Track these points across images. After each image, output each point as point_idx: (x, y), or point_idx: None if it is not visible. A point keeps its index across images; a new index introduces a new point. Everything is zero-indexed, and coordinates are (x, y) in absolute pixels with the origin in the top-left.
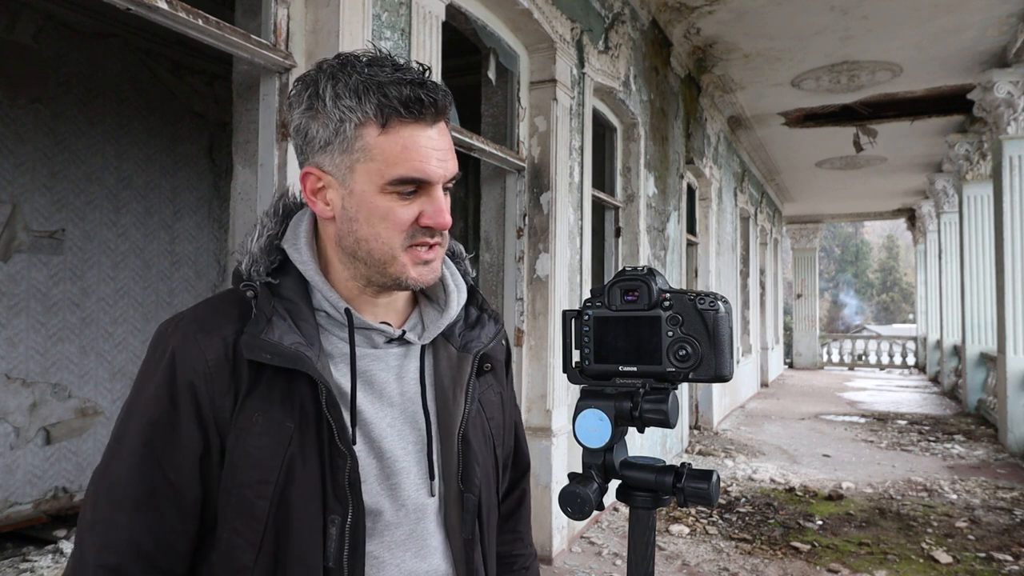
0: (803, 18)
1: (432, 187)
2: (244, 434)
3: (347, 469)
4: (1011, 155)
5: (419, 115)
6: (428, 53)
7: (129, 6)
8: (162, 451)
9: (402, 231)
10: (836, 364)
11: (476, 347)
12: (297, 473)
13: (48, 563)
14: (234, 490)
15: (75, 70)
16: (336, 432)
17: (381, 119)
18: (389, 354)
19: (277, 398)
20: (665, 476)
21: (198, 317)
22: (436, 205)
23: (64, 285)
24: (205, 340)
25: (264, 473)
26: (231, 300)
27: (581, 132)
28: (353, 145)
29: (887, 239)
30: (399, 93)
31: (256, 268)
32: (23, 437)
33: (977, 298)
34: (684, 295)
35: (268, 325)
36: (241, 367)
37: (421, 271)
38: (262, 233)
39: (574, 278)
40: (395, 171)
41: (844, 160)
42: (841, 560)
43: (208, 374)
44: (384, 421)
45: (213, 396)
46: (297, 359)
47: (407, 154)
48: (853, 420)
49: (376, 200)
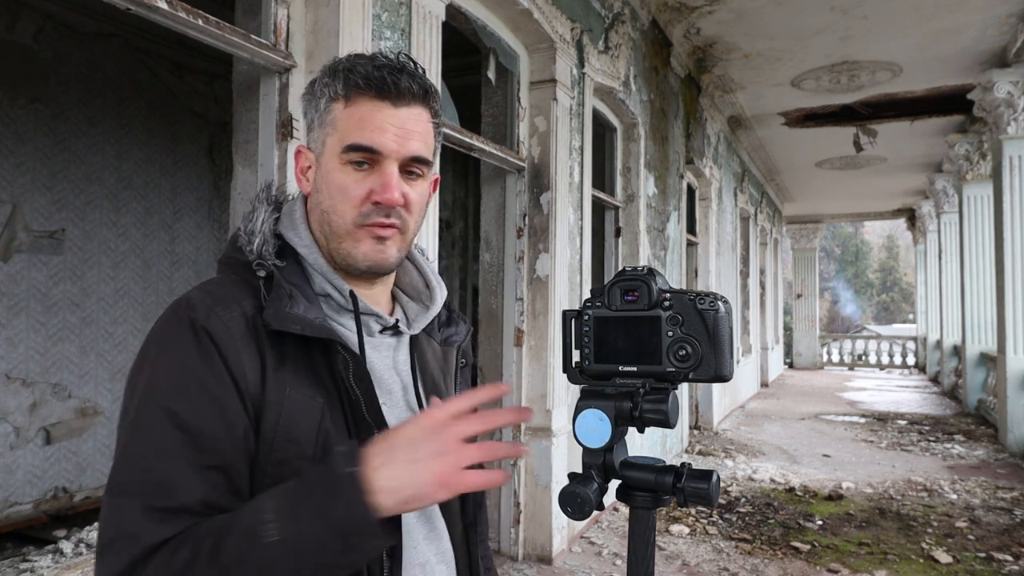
0: (803, 18)
1: (384, 160)
2: (279, 408)
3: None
4: (1011, 155)
5: (381, 91)
6: (428, 53)
7: (129, 6)
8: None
9: (355, 206)
10: (836, 364)
11: (456, 340)
12: (333, 447)
13: (48, 563)
14: (269, 468)
15: (75, 70)
16: (364, 405)
17: (346, 91)
18: (383, 343)
19: (303, 372)
20: (665, 476)
21: (210, 293)
22: (384, 180)
23: (64, 285)
24: (225, 313)
25: (303, 448)
26: (237, 281)
27: (581, 132)
28: (325, 119)
29: (887, 239)
30: (365, 71)
31: (267, 248)
32: (23, 437)
33: (977, 298)
34: (684, 295)
35: (291, 300)
36: (263, 341)
37: (373, 247)
38: (267, 217)
39: (574, 278)
40: (348, 138)
41: (844, 160)
42: (841, 560)
43: (235, 347)
44: (385, 407)
45: (244, 369)
46: (327, 330)
47: (361, 124)
48: (853, 420)
49: (335, 173)
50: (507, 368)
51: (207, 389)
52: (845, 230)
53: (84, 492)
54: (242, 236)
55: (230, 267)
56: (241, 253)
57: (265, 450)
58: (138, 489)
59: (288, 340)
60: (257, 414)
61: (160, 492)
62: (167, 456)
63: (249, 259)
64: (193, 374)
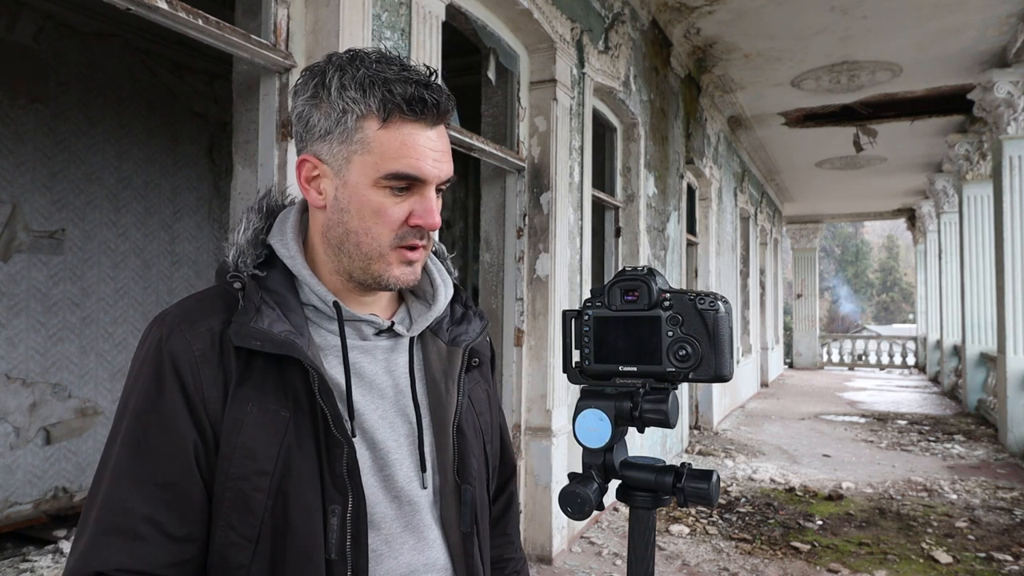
0: (803, 18)
1: (425, 186)
2: (238, 425)
3: (344, 457)
4: (1011, 155)
5: (421, 114)
6: (428, 53)
7: (129, 6)
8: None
9: (392, 229)
10: (836, 364)
11: (465, 341)
12: (295, 464)
13: (48, 563)
14: (229, 483)
15: (75, 70)
16: (331, 420)
17: (383, 114)
18: (378, 347)
19: (270, 388)
20: (665, 476)
21: (184, 310)
22: (427, 205)
23: (64, 285)
24: (191, 331)
25: (260, 464)
26: (216, 293)
27: (581, 132)
28: (353, 136)
29: (887, 239)
30: (404, 91)
31: (243, 260)
32: (23, 437)
33: (977, 298)
34: (684, 295)
35: (257, 314)
36: (229, 357)
37: (404, 271)
38: (248, 227)
39: (574, 278)
40: (391, 166)
41: (844, 160)
42: (841, 560)
43: (194, 364)
44: (376, 413)
45: (201, 386)
46: (288, 345)
47: (404, 150)
48: (853, 420)
49: (369, 194)
50: (507, 368)
51: (159, 411)
52: (845, 230)
53: (84, 492)
54: (227, 247)
55: (219, 277)
56: (227, 264)
57: (224, 466)
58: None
59: (257, 355)
60: (216, 429)
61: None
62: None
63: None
64: (150, 398)
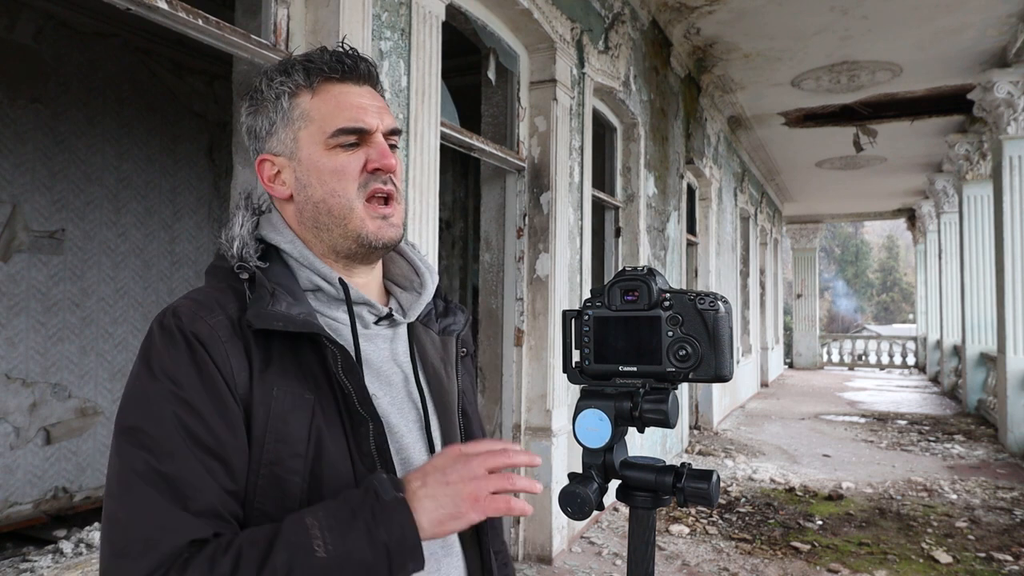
0: (803, 18)
1: (372, 135)
2: (266, 409)
3: (371, 434)
4: (1011, 155)
5: (344, 73)
6: (428, 53)
7: (129, 6)
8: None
9: (354, 179)
10: (836, 364)
11: (455, 330)
12: (326, 445)
13: (48, 563)
14: (262, 469)
15: (75, 70)
16: (356, 397)
17: (309, 82)
18: (379, 334)
19: (291, 371)
20: (665, 476)
21: (195, 301)
22: (379, 148)
23: (64, 285)
24: (210, 317)
25: (294, 447)
26: (221, 287)
27: (581, 132)
28: (292, 115)
29: (887, 239)
30: (321, 57)
31: (247, 251)
32: (23, 437)
33: (977, 298)
34: (684, 295)
35: (272, 298)
36: (250, 342)
37: (379, 224)
38: (244, 222)
39: (574, 278)
40: (334, 123)
41: (844, 160)
42: (841, 560)
43: (222, 347)
44: (386, 398)
45: (231, 370)
46: (311, 324)
47: (341, 107)
48: (853, 420)
49: (323, 159)
50: (507, 368)
51: (204, 392)
52: (845, 230)
53: (84, 492)
54: (223, 243)
55: (215, 276)
56: (224, 261)
57: (256, 451)
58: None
59: (275, 339)
60: (247, 416)
61: (178, 495)
62: (180, 461)
63: (232, 264)
64: (188, 379)
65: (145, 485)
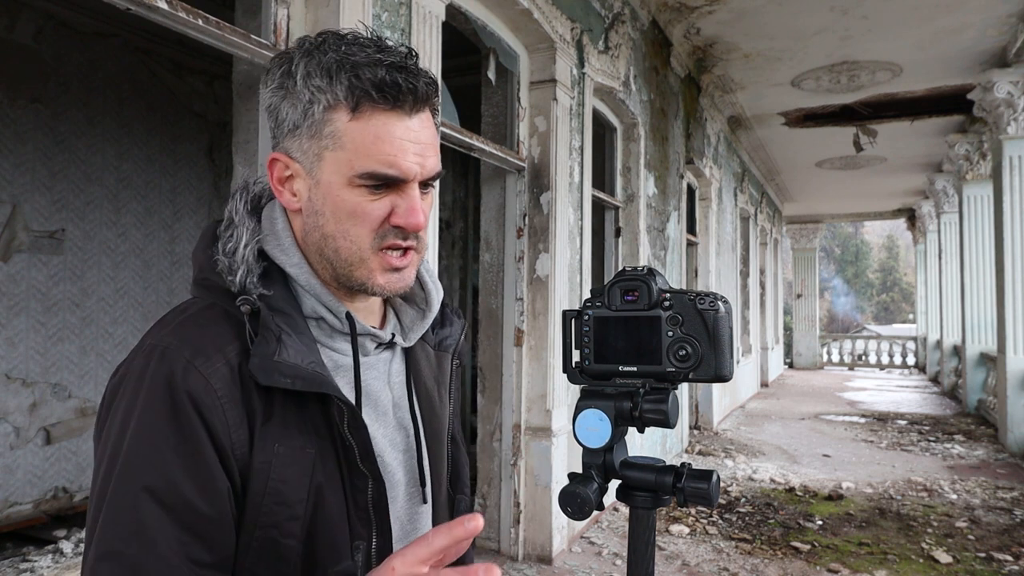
0: (803, 18)
1: (406, 184)
2: (266, 468)
3: (368, 491)
4: (1011, 155)
5: (395, 101)
6: (428, 53)
7: (129, 6)
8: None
9: (371, 230)
10: (836, 364)
11: (451, 345)
12: (326, 500)
13: (48, 563)
14: (257, 532)
15: (75, 70)
16: (359, 454)
17: (352, 102)
18: (379, 360)
19: (293, 423)
20: (665, 476)
21: (188, 340)
22: (409, 203)
23: (64, 285)
24: (207, 366)
25: (293, 509)
26: (216, 317)
27: (581, 132)
28: (322, 130)
29: (887, 239)
30: (373, 75)
31: (251, 279)
32: (23, 437)
33: (977, 298)
34: (684, 295)
35: (279, 344)
36: (251, 393)
37: (389, 278)
38: (250, 239)
39: (574, 278)
40: (365, 164)
41: (844, 160)
42: (841, 560)
43: (219, 406)
44: (379, 432)
45: (228, 431)
46: (322, 382)
47: (379, 145)
48: (853, 420)
49: (343, 194)
50: (507, 368)
51: (186, 460)
52: (845, 230)
53: (84, 492)
54: (221, 260)
55: (208, 292)
56: (220, 277)
57: (252, 512)
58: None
59: (275, 390)
60: (244, 475)
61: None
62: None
63: (230, 289)
64: (170, 445)
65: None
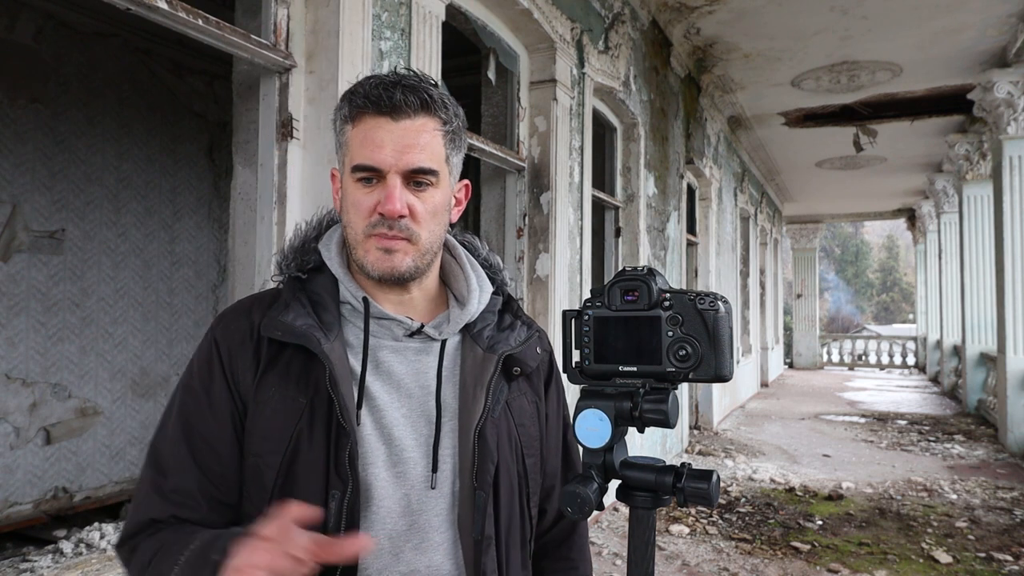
0: (803, 18)
1: (386, 175)
2: (260, 407)
3: (348, 447)
4: (1011, 155)
5: (381, 108)
6: (428, 53)
7: (129, 6)
8: (197, 417)
9: (364, 218)
10: (836, 364)
11: (502, 348)
12: (303, 448)
13: (48, 563)
14: (249, 458)
15: (75, 70)
16: (339, 409)
17: (352, 113)
18: (409, 347)
19: (294, 376)
20: (665, 476)
21: (240, 305)
22: (387, 192)
23: (64, 285)
24: (236, 322)
25: (273, 444)
26: (269, 293)
27: (581, 132)
28: (341, 141)
29: (887, 239)
30: (367, 90)
31: (286, 264)
32: (23, 437)
33: (977, 298)
34: (684, 295)
35: (286, 309)
36: (262, 346)
37: (378, 257)
38: (297, 236)
39: (574, 278)
40: (355, 158)
41: (844, 160)
42: (841, 560)
43: (233, 350)
44: (399, 412)
45: (236, 370)
46: (303, 336)
47: (363, 143)
48: (853, 420)
49: (348, 188)
50: None
51: (207, 389)
52: (845, 230)
53: (84, 492)
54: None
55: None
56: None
57: (248, 439)
58: (149, 468)
59: (286, 345)
60: (245, 409)
61: (160, 474)
62: (171, 442)
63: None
64: (201, 376)
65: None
